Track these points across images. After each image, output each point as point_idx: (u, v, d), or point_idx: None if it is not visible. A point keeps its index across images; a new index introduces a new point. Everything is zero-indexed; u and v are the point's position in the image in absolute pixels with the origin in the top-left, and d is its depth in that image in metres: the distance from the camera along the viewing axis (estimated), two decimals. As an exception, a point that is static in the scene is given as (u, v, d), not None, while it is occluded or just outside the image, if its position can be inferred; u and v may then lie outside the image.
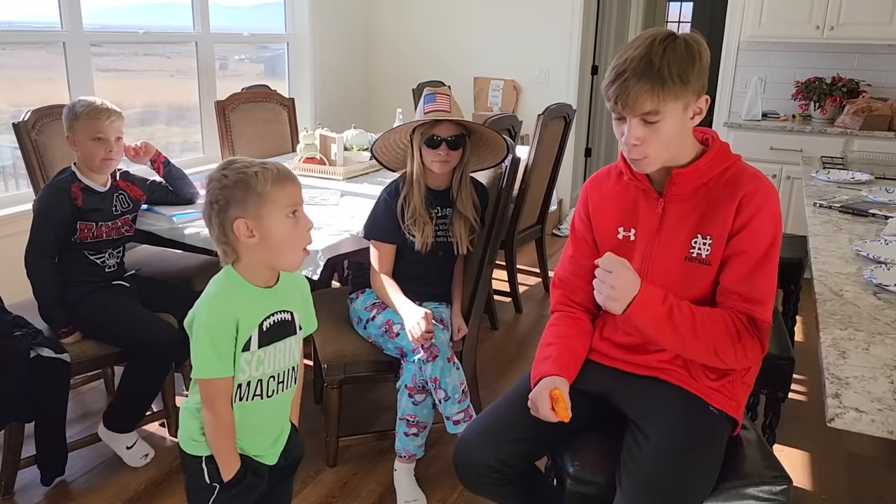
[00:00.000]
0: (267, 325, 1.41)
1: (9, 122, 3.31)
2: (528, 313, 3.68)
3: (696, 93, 1.36)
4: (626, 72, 1.33)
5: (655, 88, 1.31)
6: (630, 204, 1.54)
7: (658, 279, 1.48)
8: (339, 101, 5.17)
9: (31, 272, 2.11)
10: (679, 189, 1.45)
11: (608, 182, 1.60)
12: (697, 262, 1.45)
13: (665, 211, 1.48)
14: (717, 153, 1.44)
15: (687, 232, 1.45)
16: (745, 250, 1.39)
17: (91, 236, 2.19)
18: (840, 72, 4.27)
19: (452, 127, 2.12)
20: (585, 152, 6.02)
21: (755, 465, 1.46)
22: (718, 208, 1.42)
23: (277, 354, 1.45)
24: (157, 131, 4.17)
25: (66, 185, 2.14)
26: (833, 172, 2.78)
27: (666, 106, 1.33)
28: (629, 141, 1.38)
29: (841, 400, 1.07)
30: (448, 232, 2.24)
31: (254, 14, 4.79)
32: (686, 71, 1.33)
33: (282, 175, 1.37)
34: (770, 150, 4.13)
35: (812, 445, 2.49)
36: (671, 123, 1.36)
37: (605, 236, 1.58)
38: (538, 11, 4.93)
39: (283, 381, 1.48)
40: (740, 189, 1.40)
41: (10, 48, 3.27)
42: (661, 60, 1.31)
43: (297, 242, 1.39)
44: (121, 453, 2.27)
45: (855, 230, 2.03)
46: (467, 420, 2.10)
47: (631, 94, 1.32)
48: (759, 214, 1.38)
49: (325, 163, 3.15)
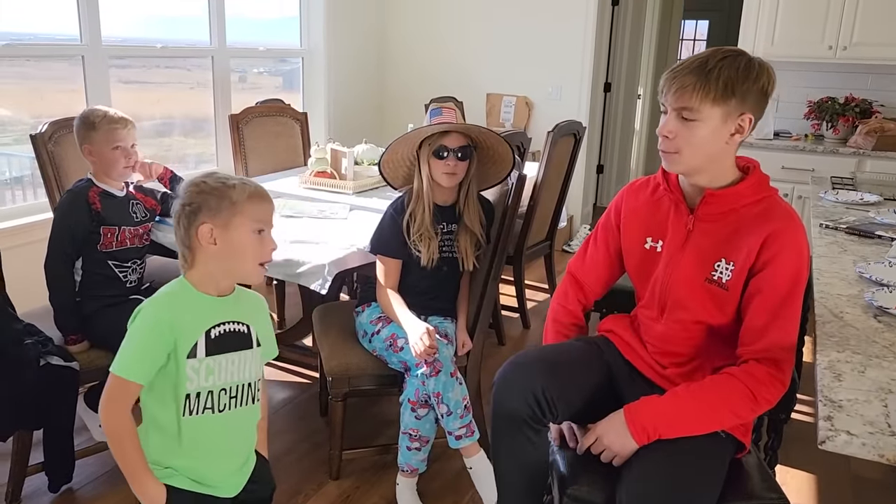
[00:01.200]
0: (216, 333, 1.40)
1: (26, 131, 3.39)
2: (536, 329, 3.68)
3: (739, 108, 1.38)
4: (683, 67, 1.39)
5: (698, 86, 1.36)
6: (661, 216, 1.57)
7: (676, 296, 1.51)
8: (352, 115, 5.22)
9: (49, 278, 2.14)
10: (710, 209, 1.47)
11: (645, 191, 1.63)
12: (717, 285, 1.46)
13: (694, 228, 1.49)
14: (755, 183, 1.46)
15: (711, 253, 1.47)
16: (767, 289, 1.40)
17: (116, 242, 2.22)
18: (853, 92, 4.26)
19: (460, 139, 2.14)
20: (597, 169, 6.03)
21: (755, 487, 1.46)
22: (745, 237, 1.43)
23: (230, 366, 1.42)
24: (173, 143, 4.24)
25: (84, 191, 2.19)
26: (842, 193, 2.77)
27: (703, 107, 1.37)
28: (662, 131, 1.42)
29: (833, 423, 1.07)
30: (453, 248, 2.26)
31: (272, 27, 4.86)
32: (734, 82, 1.36)
33: (258, 193, 1.41)
34: (782, 170, 4.12)
35: (818, 468, 2.47)
36: (706, 128, 1.38)
37: (632, 244, 1.62)
38: (551, 28, 4.96)
39: (237, 397, 1.44)
40: (769, 224, 1.41)
41: (34, 59, 3.34)
42: (716, 66, 1.36)
43: (256, 256, 1.41)
44: (92, 428, 2.32)
45: (860, 252, 2.03)
46: (469, 435, 2.11)
47: (675, 86, 1.38)
48: (784, 253, 1.39)
49: (336, 177, 3.19)
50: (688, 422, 1.40)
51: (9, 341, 1.96)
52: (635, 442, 1.41)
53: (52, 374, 2.03)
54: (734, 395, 1.39)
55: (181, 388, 1.37)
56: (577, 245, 5.10)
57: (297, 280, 2.24)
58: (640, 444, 1.41)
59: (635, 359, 1.63)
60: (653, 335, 1.59)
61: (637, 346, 1.64)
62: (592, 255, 1.73)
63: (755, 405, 1.40)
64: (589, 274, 1.74)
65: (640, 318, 1.63)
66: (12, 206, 3.27)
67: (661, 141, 1.44)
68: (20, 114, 3.41)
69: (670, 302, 1.53)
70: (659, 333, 1.57)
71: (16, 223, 3.10)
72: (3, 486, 2.14)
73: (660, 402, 1.44)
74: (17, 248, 2.64)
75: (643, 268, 1.60)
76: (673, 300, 1.52)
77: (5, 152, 3.43)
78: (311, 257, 2.23)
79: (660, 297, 1.55)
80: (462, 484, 2.31)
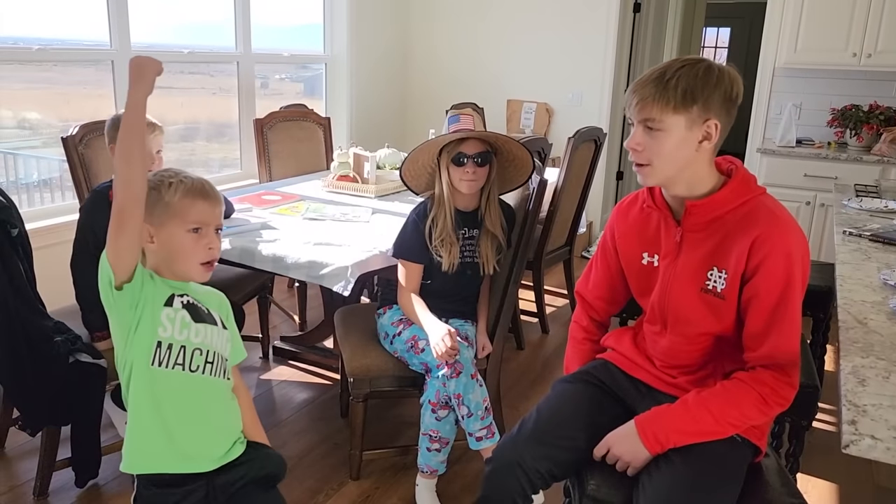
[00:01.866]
0: (184, 301, 1.41)
1: (57, 135, 3.46)
2: (555, 334, 3.69)
3: (703, 115, 1.37)
4: (643, 79, 1.40)
5: (658, 96, 1.36)
6: (652, 231, 1.57)
7: (676, 308, 1.52)
8: (374, 120, 5.26)
9: (76, 276, 2.19)
10: (695, 220, 1.46)
11: (633, 209, 1.64)
12: (713, 294, 1.46)
13: (682, 240, 1.49)
14: (736, 186, 1.44)
15: (703, 263, 1.47)
16: (760, 295, 1.40)
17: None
18: (878, 99, 4.23)
19: (478, 144, 2.17)
20: (617, 175, 6.02)
21: (775, 493, 1.46)
22: (733, 244, 1.42)
23: (203, 331, 1.42)
24: (197, 147, 4.30)
25: (106, 191, 2.23)
26: (865, 200, 2.76)
27: (665, 116, 1.37)
28: (630, 144, 1.43)
29: (857, 427, 1.07)
30: (475, 252, 2.28)
31: (294, 34, 4.91)
32: (693, 89, 1.35)
33: (195, 190, 1.40)
34: (804, 177, 4.09)
35: (840, 477, 2.45)
36: (672, 138, 1.38)
37: (630, 262, 1.63)
38: (572, 35, 4.98)
39: (213, 363, 1.43)
40: (754, 228, 1.39)
41: (61, 65, 3.41)
42: (674, 75, 1.36)
43: (192, 257, 1.40)
44: (118, 425, 2.34)
45: (884, 259, 2.01)
46: (490, 437, 2.12)
47: (636, 98, 1.39)
48: (772, 257, 1.37)
49: (358, 181, 3.22)
50: (699, 429, 1.41)
51: (40, 339, 2.01)
52: (647, 451, 1.41)
53: (80, 371, 2.07)
54: (744, 399, 1.40)
55: (153, 336, 1.36)
56: (597, 251, 5.09)
57: (319, 282, 2.27)
58: (652, 454, 1.41)
59: (642, 374, 1.63)
60: (659, 350, 1.59)
61: (642, 361, 1.64)
62: (595, 276, 1.76)
63: (767, 408, 1.40)
64: (594, 293, 1.76)
65: (646, 332, 1.63)
66: (41, 207, 3.33)
67: (632, 154, 1.44)
68: (48, 118, 3.48)
69: (671, 316, 1.53)
70: (664, 348, 1.57)
71: (45, 223, 3.16)
72: (32, 480, 2.19)
73: (671, 410, 1.44)
74: (46, 249, 2.69)
75: (643, 283, 1.61)
76: (673, 314, 1.53)
77: (35, 155, 3.51)
78: (334, 259, 2.26)
79: (660, 311, 1.55)
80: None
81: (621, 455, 1.44)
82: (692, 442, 1.40)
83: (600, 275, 1.73)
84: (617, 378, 1.66)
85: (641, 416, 1.46)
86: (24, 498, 2.17)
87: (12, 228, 1.95)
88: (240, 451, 1.50)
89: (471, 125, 2.18)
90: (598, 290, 1.74)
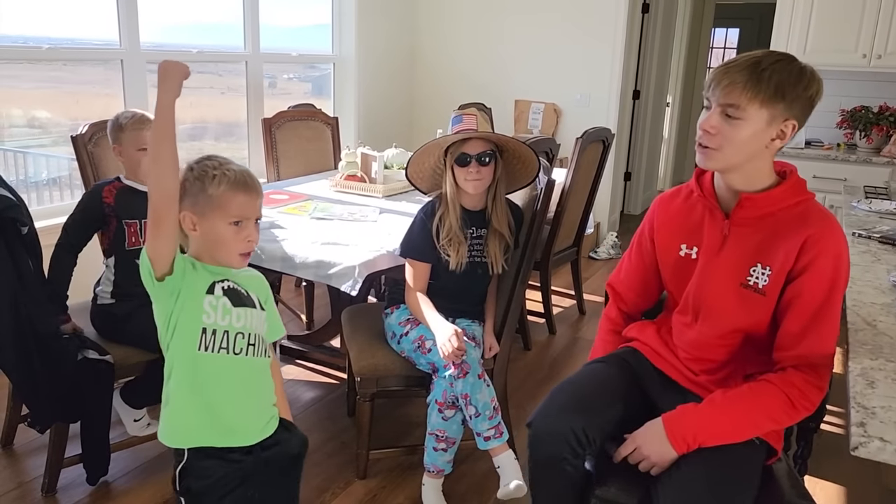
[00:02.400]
0: (224, 286, 1.45)
1: (66, 133, 3.48)
2: (562, 335, 3.68)
3: (785, 113, 1.37)
4: (734, 64, 1.37)
5: (749, 85, 1.34)
6: (695, 222, 1.56)
7: (711, 300, 1.51)
8: (382, 120, 5.27)
9: (53, 252, 2.21)
10: (746, 214, 1.46)
11: (676, 200, 1.63)
12: (753, 290, 1.45)
13: (729, 233, 1.49)
14: (792, 186, 1.45)
15: (747, 258, 1.46)
16: (805, 294, 1.39)
17: (143, 240, 2.26)
18: (887, 101, 4.21)
19: (481, 144, 2.17)
20: (625, 177, 6.02)
21: (786, 495, 1.46)
22: (782, 241, 1.42)
23: (244, 315, 1.47)
24: (205, 146, 4.31)
25: (101, 187, 2.25)
26: (875, 202, 2.74)
27: (751, 106, 1.35)
28: (704, 125, 1.40)
29: (866, 429, 1.07)
30: (483, 252, 2.28)
31: (302, 34, 4.93)
32: (785, 87, 1.35)
33: (237, 183, 1.42)
34: (813, 179, 4.08)
35: (848, 480, 2.44)
36: (749, 128, 1.37)
37: (667, 253, 1.62)
38: (580, 35, 4.97)
39: (255, 345, 1.48)
40: (807, 228, 1.39)
41: (70, 64, 3.43)
42: (769, 67, 1.35)
43: (232, 248, 1.44)
44: (126, 423, 2.35)
45: (894, 261, 2.01)
46: (498, 436, 2.12)
47: (725, 81, 1.36)
48: (822, 258, 1.38)
49: (366, 180, 3.23)
50: (727, 430, 1.40)
51: (49, 336, 2.02)
52: (675, 452, 1.41)
53: (89, 368, 2.08)
54: (772, 402, 1.39)
55: (198, 323, 1.42)
56: (604, 252, 5.09)
57: (327, 281, 2.27)
58: (679, 454, 1.41)
59: (665, 366, 1.63)
60: (686, 341, 1.58)
61: (666, 353, 1.64)
62: (627, 268, 1.76)
63: (794, 412, 1.39)
64: (625, 284, 1.76)
65: (675, 323, 1.63)
66: (50, 206, 3.35)
67: (702, 135, 1.42)
68: (58, 116, 3.50)
69: (704, 308, 1.53)
70: (692, 340, 1.57)
71: (54, 222, 3.16)
72: (41, 477, 2.20)
73: (699, 410, 1.43)
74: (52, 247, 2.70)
75: (679, 275, 1.60)
76: (707, 306, 1.52)
77: (44, 153, 3.53)
78: (342, 259, 2.26)
79: (694, 303, 1.55)
80: (487, 485, 2.33)
81: (649, 455, 1.43)
82: (719, 443, 1.40)
83: (634, 266, 1.73)
84: (644, 365, 1.66)
85: (669, 415, 1.44)
86: (33, 495, 2.18)
87: (22, 226, 1.96)
88: (275, 426, 1.54)
89: (474, 125, 2.18)
90: (630, 282, 1.74)
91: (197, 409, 1.44)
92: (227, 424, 1.46)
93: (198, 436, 1.45)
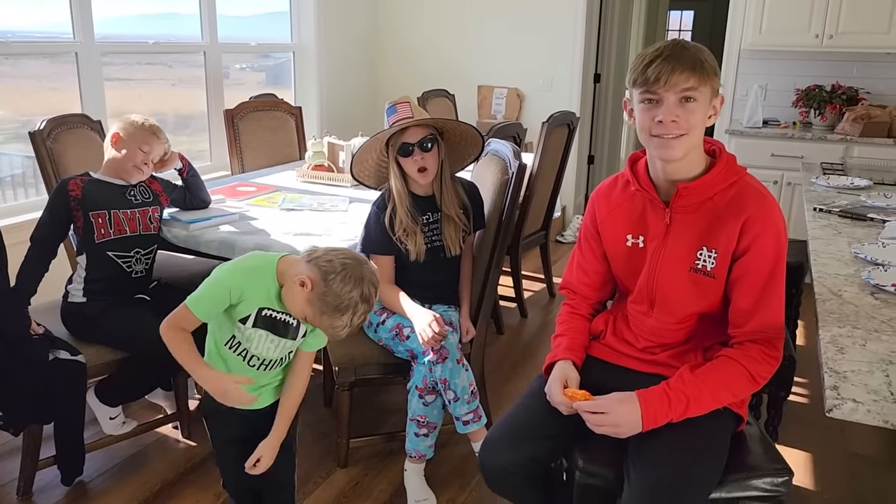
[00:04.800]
0: (268, 313, 1.55)
1: (16, 130, 3.38)
2: (534, 318, 3.73)
3: (716, 88, 1.42)
4: (663, 54, 1.39)
5: (696, 67, 1.38)
6: (638, 213, 1.59)
7: (665, 289, 1.54)
8: (346, 109, 5.23)
9: (29, 249, 2.18)
10: (685, 202, 1.49)
11: (614, 191, 1.65)
12: (702, 273, 1.49)
13: (672, 221, 1.52)
14: (724, 168, 1.48)
15: (692, 243, 1.50)
16: (752, 272, 1.44)
17: (112, 229, 2.22)
18: (840, 80, 4.32)
19: (420, 131, 2.16)
20: (588, 160, 6.08)
21: (758, 459, 1.51)
22: (723, 224, 1.46)
23: (268, 343, 1.58)
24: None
25: (66, 181, 2.22)
26: (833, 178, 2.83)
27: (703, 87, 1.40)
28: (667, 118, 1.40)
29: (839, 392, 1.12)
30: (441, 236, 2.28)
31: (255, 24, 4.85)
32: (712, 63, 1.41)
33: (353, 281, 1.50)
34: (771, 157, 4.18)
35: (814, 446, 2.53)
36: (702, 109, 1.42)
37: (615, 244, 1.64)
38: (541, 21, 4.99)
39: (269, 366, 1.63)
40: (745, 209, 1.44)
41: (12, 58, 3.30)
42: (694, 49, 1.40)
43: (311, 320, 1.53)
44: (102, 421, 2.32)
45: (854, 234, 2.08)
46: (476, 420, 2.14)
47: (675, 71, 1.38)
48: (763, 236, 1.43)
49: (334, 170, 3.21)
50: (693, 407, 1.44)
51: (18, 338, 1.98)
52: (643, 427, 1.44)
53: (60, 368, 2.05)
54: (734, 377, 1.44)
55: (231, 330, 1.57)
56: (571, 235, 5.15)
57: (301, 271, 2.26)
58: (646, 429, 1.44)
59: (624, 360, 1.65)
60: (645, 329, 1.62)
61: (622, 348, 1.66)
62: (581, 264, 1.74)
63: (753, 384, 1.45)
64: (581, 280, 1.74)
65: (631, 312, 1.65)
66: (2, 206, 3.25)
67: (668, 126, 1.40)
68: (10, 113, 3.39)
69: (659, 296, 1.56)
70: (651, 327, 1.60)
71: (13, 221, 3.09)
72: (15, 480, 2.16)
73: (669, 391, 1.45)
74: (14, 247, 2.64)
75: (630, 265, 1.62)
76: (661, 294, 1.55)
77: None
78: (315, 249, 2.25)
79: (648, 292, 1.58)
80: (468, 468, 2.35)
81: (617, 425, 1.44)
82: (684, 417, 1.43)
83: (587, 261, 1.72)
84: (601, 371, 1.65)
85: (643, 393, 1.45)
86: (8, 499, 2.14)
87: (-13, 226, 1.91)
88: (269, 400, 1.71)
89: (408, 112, 2.16)
90: (586, 277, 1.74)
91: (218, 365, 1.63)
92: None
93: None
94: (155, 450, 2.44)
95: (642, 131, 1.47)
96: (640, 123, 1.47)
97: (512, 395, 2.85)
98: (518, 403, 1.68)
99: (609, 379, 1.60)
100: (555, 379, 1.59)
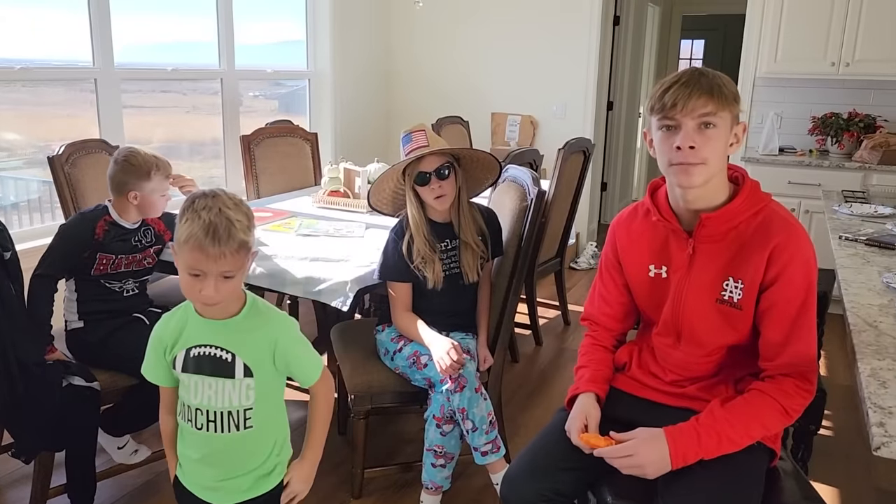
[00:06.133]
0: (194, 353, 1.41)
1: (33, 156, 3.39)
2: (549, 346, 3.68)
3: (737, 115, 1.39)
4: (681, 80, 1.36)
5: (714, 93, 1.35)
6: (660, 242, 1.54)
7: (690, 320, 1.50)
8: (360, 135, 5.25)
9: (34, 282, 2.13)
10: (709, 232, 1.45)
11: (635, 221, 1.61)
12: (729, 304, 1.45)
13: (695, 251, 1.47)
14: (748, 196, 1.44)
15: (717, 274, 1.45)
16: (781, 303, 1.39)
17: (111, 267, 2.21)
18: (856, 107, 4.30)
19: (436, 159, 2.14)
20: (601, 187, 6.07)
21: (794, 496, 1.45)
22: (750, 254, 1.41)
23: (206, 390, 1.41)
24: (177, 166, 4.23)
25: (95, 217, 2.19)
26: (856, 206, 2.79)
27: (722, 112, 1.36)
28: (685, 144, 1.35)
29: (886, 429, 1.07)
30: (459, 262, 2.25)
31: (266, 52, 4.88)
32: (733, 90, 1.38)
33: (195, 238, 1.29)
34: (788, 185, 4.14)
35: (840, 481, 2.46)
36: (722, 136, 1.37)
37: (637, 275, 1.59)
38: (554, 48, 5.01)
39: (216, 422, 1.42)
40: (772, 237, 1.39)
41: (30, 85, 3.32)
42: (713, 75, 1.37)
43: (191, 296, 1.37)
44: (111, 451, 2.28)
45: (882, 262, 2.03)
46: (495, 451, 2.09)
47: (692, 97, 1.34)
48: (792, 265, 1.38)
49: (350, 196, 3.20)
50: (724, 443, 1.39)
51: (32, 363, 1.95)
52: (672, 466, 1.38)
53: (74, 395, 2.01)
54: (767, 412, 1.39)
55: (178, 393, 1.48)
56: (584, 262, 5.11)
57: (317, 297, 2.23)
58: (675, 468, 1.38)
59: (651, 393, 1.60)
60: (672, 362, 1.57)
61: (649, 380, 1.61)
62: (602, 295, 1.69)
63: (786, 419, 1.40)
64: (602, 311, 1.70)
65: (657, 345, 1.60)
66: (20, 230, 3.24)
67: (686, 154, 1.36)
68: (23, 139, 3.40)
69: (686, 328, 1.51)
70: (679, 361, 1.55)
71: (28, 245, 3.08)
72: (25, 509, 2.12)
73: (699, 427, 1.40)
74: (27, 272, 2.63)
75: (653, 296, 1.58)
76: (688, 327, 1.51)
77: (11, 176, 3.43)
78: (331, 275, 2.23)
79: (674, 324, 1.53)
80: (485, 501, 2.30)
81: (644, 465, 1.40)
82: (716, 455, 1.38)
83: (608, 292, 1.68)
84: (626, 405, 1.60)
85: (672, 430, 1.40)
86: (17, 528, 2.10)
87: (5, 251, 1.90)
88: (270, 486, 1.51)
89: (424, 141, 2.14)
90: (608, 308, 1.69)
91: (182, 457, 1.52)
92: (203, 483, 1.50)
93: (186, 477, 1.53)
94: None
95: (662, 160, 1.42)
96: (659, 152, 1.42)
97: (528, 424, 2.80)
98: (540, 435, 1.63)
99: (636, 413, 1.55)
100: (574, 416, 1.54)
